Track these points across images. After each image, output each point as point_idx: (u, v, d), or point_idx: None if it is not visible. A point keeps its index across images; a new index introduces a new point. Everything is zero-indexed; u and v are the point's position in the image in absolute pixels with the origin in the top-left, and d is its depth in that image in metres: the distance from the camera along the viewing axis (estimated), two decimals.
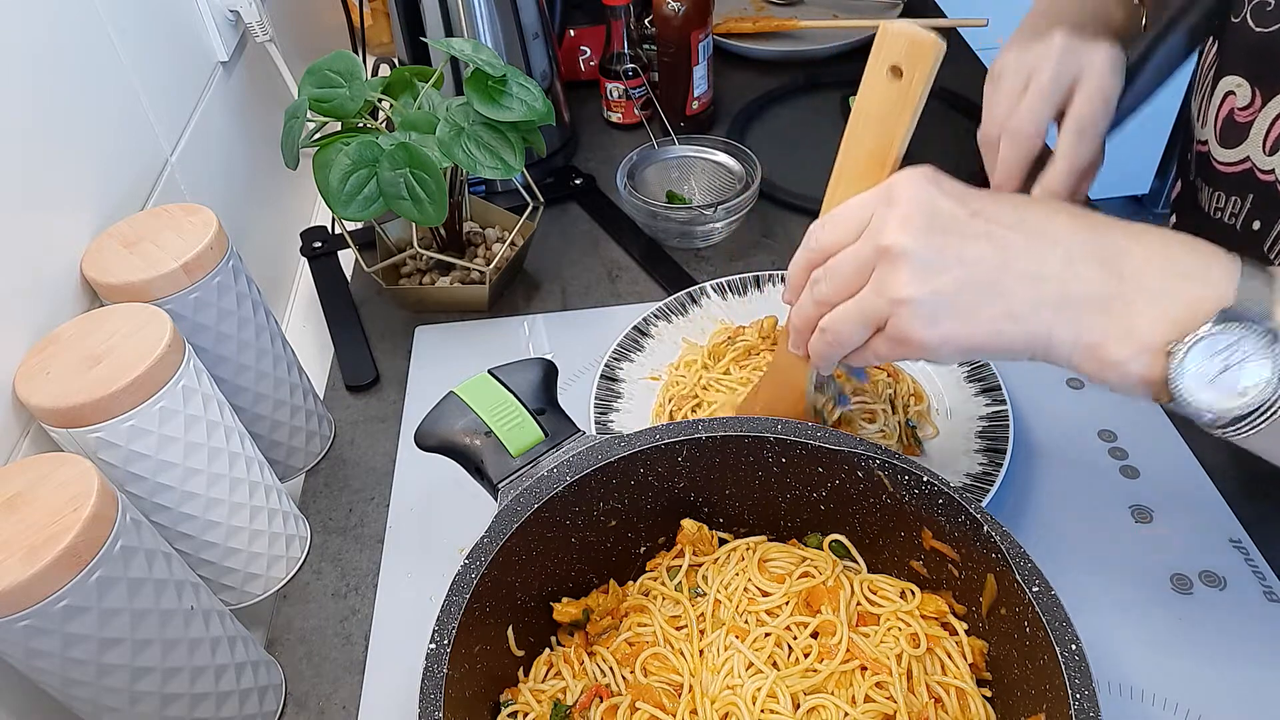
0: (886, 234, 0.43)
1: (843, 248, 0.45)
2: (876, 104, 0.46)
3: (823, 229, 0.47)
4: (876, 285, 0.44)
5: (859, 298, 0.44)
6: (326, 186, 0.72)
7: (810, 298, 0.47)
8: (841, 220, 0.46)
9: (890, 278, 0.43)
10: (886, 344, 0.45)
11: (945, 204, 0.43)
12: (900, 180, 0.44)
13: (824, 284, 0.46)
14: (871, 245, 0.44)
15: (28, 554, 0.43)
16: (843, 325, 0.45)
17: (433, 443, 0.58)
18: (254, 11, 0.88)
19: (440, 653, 0.46)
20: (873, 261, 0.44)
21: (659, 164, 0.98)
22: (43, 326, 0.56)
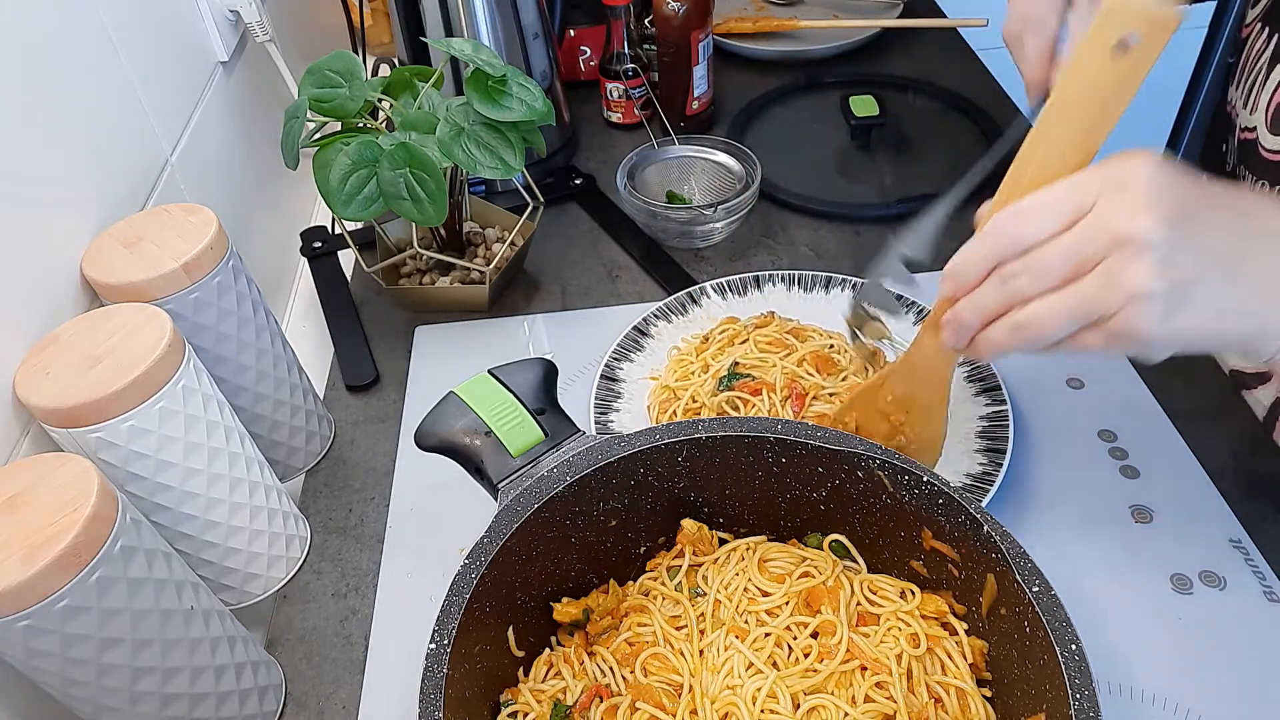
0: (1123, 222, 0.40)
1: (1049, 238, 0.42)
2: (1093, 82, 0.42)
3: (1018, 219, 0.43)
4: (1107, 278, 0.41)
5: (1078, 290, 0.42)
6: (326, 186, 0.72)
7: (998, 292, 0.44)
8: (1046, 209, 0.42)
9: (1127, 270, 0.40)
10: (1103, 338, 0.42)
11: (1185, 190, 0.41)
12: (1130, 163, 0.41)
13: (1025, 278, 0.43)
14: (1103, 234, 0.40)
15: (28, 554, 0.43)
16: (1051, 320, 0.43)
17: (433, 443, 0.58)
18: (254, 11, 0.88)
19: (440, 653, 0.46)
20: (1102, 252, 0.41)
21: (659, 164, 0.98)
22: (43, 326, 0.56)
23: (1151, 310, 0.40)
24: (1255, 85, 0.65)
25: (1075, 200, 0.42)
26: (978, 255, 0.45)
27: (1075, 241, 0.41)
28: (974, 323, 0.46)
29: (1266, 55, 0.63)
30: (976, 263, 0.45)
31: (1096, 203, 0.41)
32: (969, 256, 0.45)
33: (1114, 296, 0.40)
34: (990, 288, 0.44)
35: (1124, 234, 0.40)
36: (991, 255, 0.44)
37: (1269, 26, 0.64)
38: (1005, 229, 0.43)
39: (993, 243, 0.44)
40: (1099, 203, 0.41)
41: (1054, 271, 0.42)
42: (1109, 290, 0.40)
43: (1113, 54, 0.41)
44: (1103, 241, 0.40)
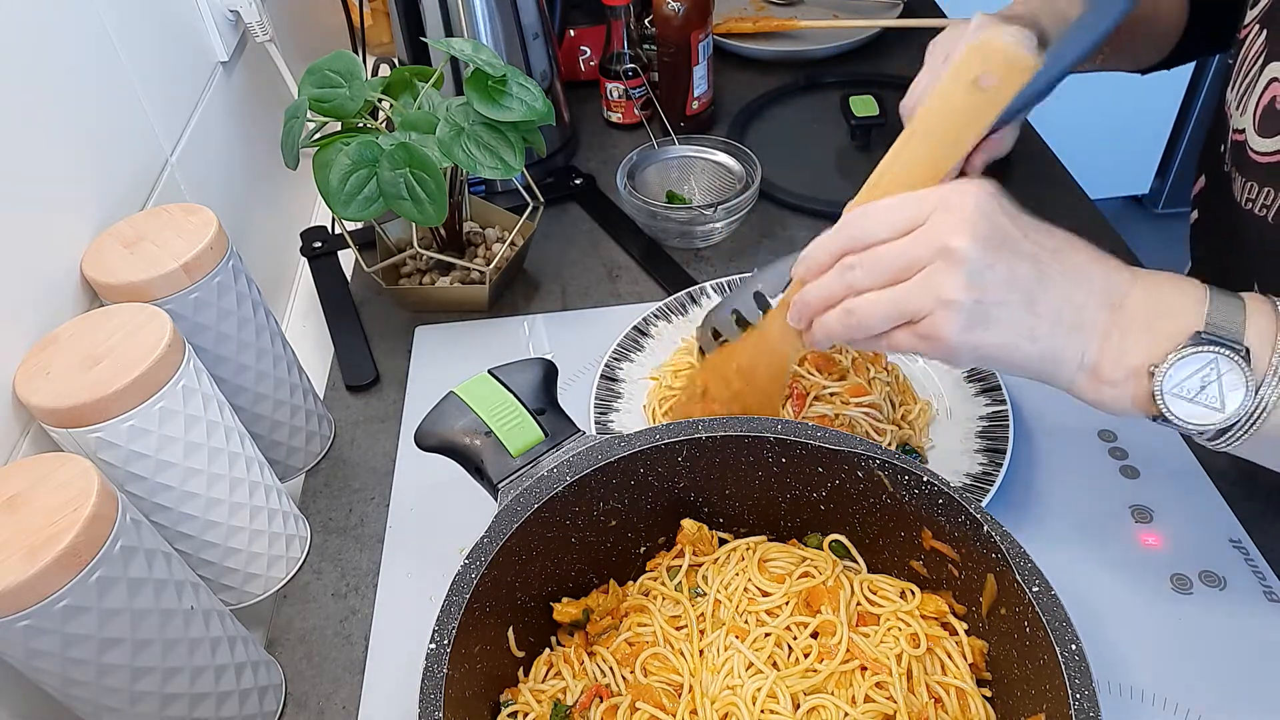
0: (948, 236, 0.45)
1: (887, 241, 0.47)
2: (951, 112, 0.47)
3: (866, 219, 0.48)
4: (924, 283, 0.46)
5: (900, 290, 0.46)
6: (326, 186, 0.72)
7: (838, 280, 0.49)
8: (890, 213, 0.47)
9: (942, 278, 0.45)
10: (910, 338, 0.47)
11: (1005, 220, 0.46)
12: (965, 188, 0.46)
13: (860, 271, 0.48)
14: (930, 244, 0.45)
15: (28, 554, 0.43)
16: (873, 312, 0.47)
17: (433, 443, 0.58)
18: (254, 11, 0.88)
19: (440, 653, 0.46)
20: (925, 260, 0.46)
21: (659, 164, 0.98)
22: (43, 326, 0.56)
23: (954, 318, 0.45)
24: (1248, 86, 0.65)
25: (914, 211, 0.46)
26: (828, 245, 0.50)
27: (906, 246, 0.46)
28: (815, 305, 0.50)
29: (1260, 56, 0.64)
30: (826, 251, 0.50)
31: (930, 216, 0.46)
32: (822, 244, 0.50)
33: (926, 300, 0.45)
34: (833, 275, 0.49)
35: (944, 247, 0.45)
36: (839, 247, 0.49)
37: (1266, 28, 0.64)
38: (853, 226, 0.48)
39: (842, 236, 0.49)
40: (932, 217, 0.46)
41: (885, 269, 0.47)
42: (923, 294, 0.46)
43: (970, 89, 0.45)
44: (928, 251, 0.45)
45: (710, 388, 0.64)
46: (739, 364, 0.61)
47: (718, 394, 0.63)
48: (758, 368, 0.60)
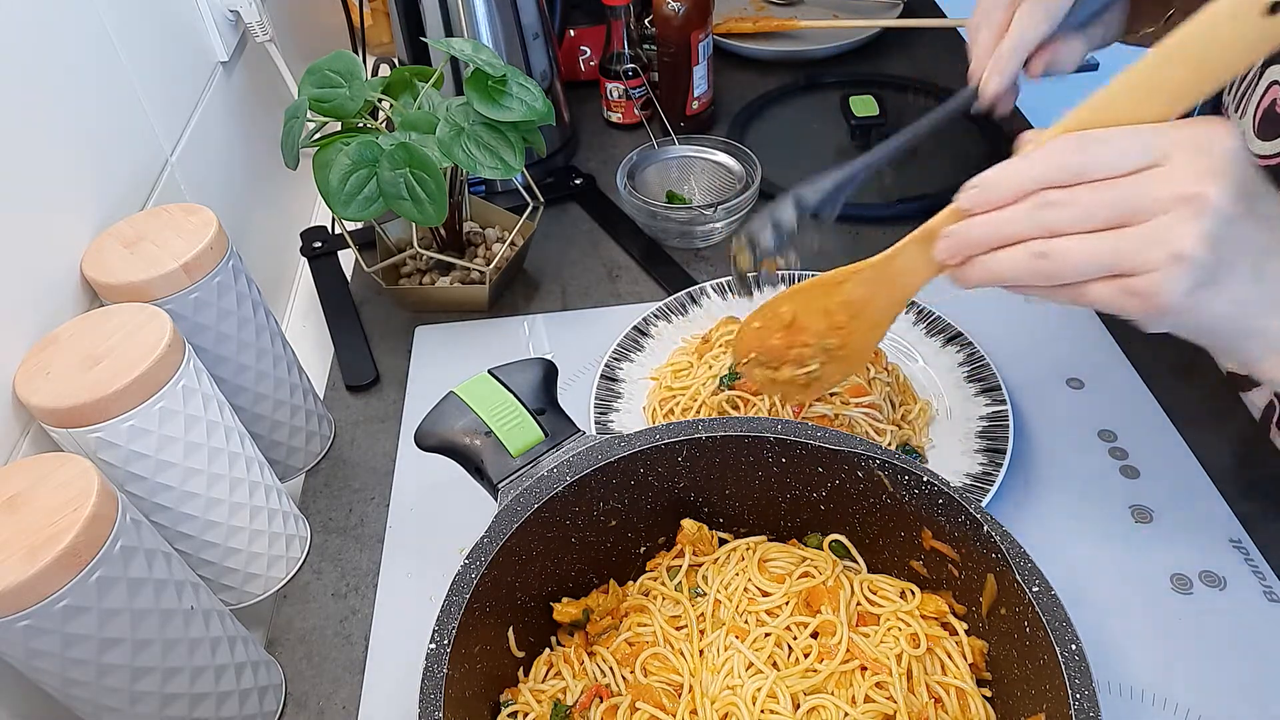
0: (1198, 181, 0.38)
1: (1112, 178, 0.40)
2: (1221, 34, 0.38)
3: (1085, 148, 0.40)
4: (1156, 232, 0.39)
5: (1123, 237, 0.39)
6: (326, 186, 0.72)
7: (1029, 218, 0.41)
8: (1119, 145, 0.40)
9: (1181, 229, 0.38)
10: (1116, 293, 0.41)
11: (1253, 172, 0.40)
12: (1214, 130, 0.40)
13: (1065, 210, 0.40)
14: (1172, 187, 0.39)
15: (28, 554, 0.43)
16: (1078, 259, 0.40)
17: (433, 443, 0.58)
18: (254, 11, 0.88)
19: (440, 653, 0.46)
20: (1162, 205, 0.39)
21: (659, 164, 0.98)
22: (43, 326, 0.56)
23: (1184, 278, 0.39)
24: (1246, 89, 0.65)
25: (1153, 146, 0.39)
26: (1022, 173, 0.41)
27: (1138, 188, 0.39)
28: (986, 242, 0.42)
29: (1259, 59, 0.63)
30: (1017, 181, 0.41)
31: (1171, 156, 0.39)
32: (1010, 172, 0.41)
33: (1156, 253, 0.39)
34: (1022, 211, 0.41)
35: (1191, 194, 0.38)
36: (1039, 177, 0.41)
37: None
38: (1067, 154, 0.40)
39: (1046, 164, 0.40)
40: (1174, 157, 0.39)
41: (1103, 212, 0.39)
42: (1154, 245, 0.39)
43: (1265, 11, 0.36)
44: (1168, 194, 0.39)
45: (800, 317, 0.56)
46: (847, 296, 0.53)
47: (810, 324, 0.56)
48: (873, 301, 0.53)
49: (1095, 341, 0.79)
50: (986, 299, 0.83)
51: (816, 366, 0.57)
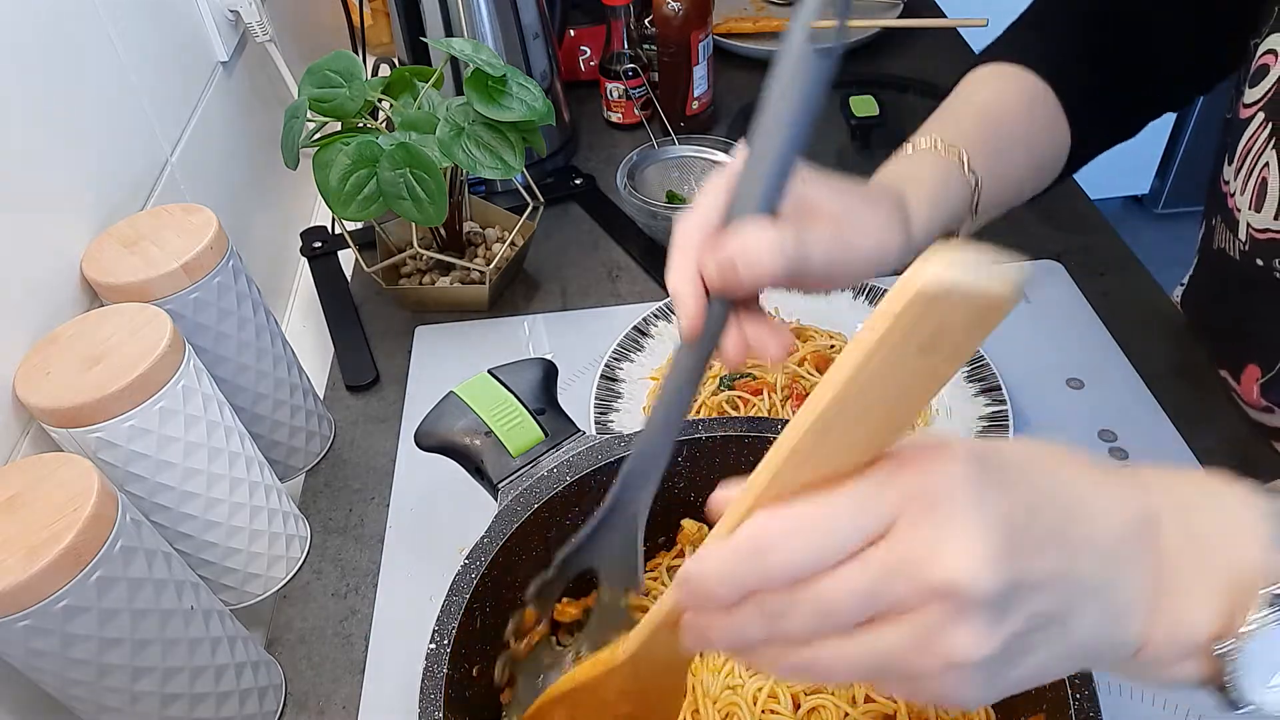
0: (945, 565, 0.28)
1: (831, 569, 0.29)
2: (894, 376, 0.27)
3: (785, 538, 0.30)
4: (920, 638, 0.29)
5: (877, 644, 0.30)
6: (326, 186, 0.72)
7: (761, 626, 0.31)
8: (825, 527, 0.29)
9: (949, 633, 0.28)
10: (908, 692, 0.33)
11: (1008, 503, 0.30)
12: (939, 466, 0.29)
13: (797, 620, 0.30)
14: (910, 579, 0.28)
15: (28, 554, 0.43)
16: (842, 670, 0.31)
17: (433, 443, 0.58)
18: (254, 11, 0.88)
19: (440, 653, 0.46)
20: (910, 601, 0.29)
21: (659, 164, 0.98)
22: (43, 326, 0.56)
23: (974, 679, 0.30)
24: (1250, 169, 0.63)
25: (871, 517, 0.29)
26: (728, 573, 0.31)
27: (871, 579, 0.29)
28: (729, 648, 0.34)
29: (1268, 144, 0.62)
30: (728, 585, 0.31)
31: (896, 524, 0.29)
32: (716, 570, 0.31)
33: (926, 661, 0.29)
34: (750, 618, 0.31)
35: (941, 584, 0.28)
36: (747, 579, 0.31)
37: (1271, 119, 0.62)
38: (768, 548, 0.30)
39: (750, 565, 0.30)
40: (900, 526, 0.29)
41: (842, 616, 0.30)
42: (919, 653, 0.29)
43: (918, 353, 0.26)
44: (909, 587, 0.29)
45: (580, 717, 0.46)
46: (620, 689, 0.43)
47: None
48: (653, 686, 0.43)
49: (1095, 341, 0.79)
50: None
51: None
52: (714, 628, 0.32)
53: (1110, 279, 0.85)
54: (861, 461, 0.30)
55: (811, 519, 0.30)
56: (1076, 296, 0.83)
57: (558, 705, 0.46)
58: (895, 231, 0.50)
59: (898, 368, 0.27)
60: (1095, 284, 0.84)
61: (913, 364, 0.27)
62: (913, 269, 0.24)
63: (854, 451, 0.30)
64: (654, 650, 0.39)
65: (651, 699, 0.44)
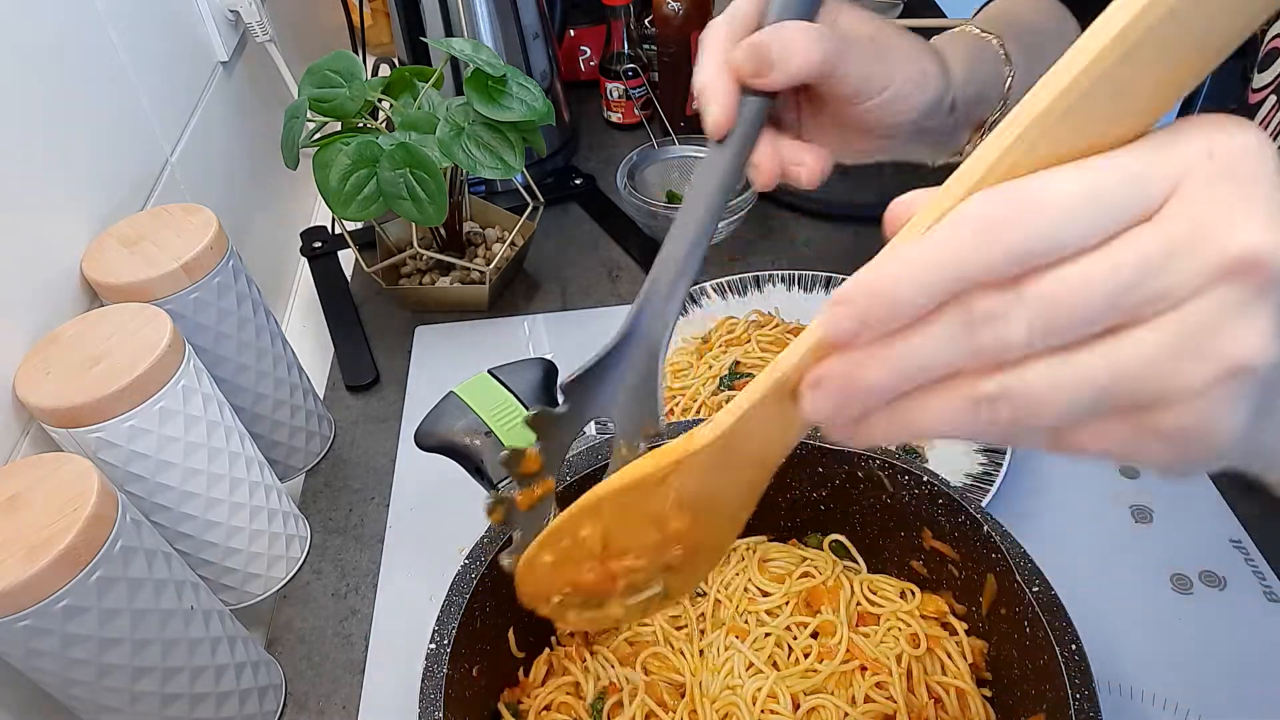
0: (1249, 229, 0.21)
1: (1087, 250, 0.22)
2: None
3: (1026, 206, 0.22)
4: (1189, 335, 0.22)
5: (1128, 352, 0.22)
6: (326, 186, 0.72)
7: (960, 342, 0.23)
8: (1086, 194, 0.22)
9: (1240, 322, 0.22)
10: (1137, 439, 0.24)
11: None
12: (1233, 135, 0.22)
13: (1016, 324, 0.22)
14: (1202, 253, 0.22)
15: (28, 554, 0.43)
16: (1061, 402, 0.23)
17: (433, 443, 0.58)
18: (254, 11, 0.88)
19: (440, 653, 0.46)
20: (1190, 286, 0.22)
21: (659, 164, 0.98)
22: (43, 326, 0.56)
23: (1247, 398, 0.22)
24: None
25: (1146, 182, 0.22)
26: (928, 268, 0.23)
27: (1148, 257, 0.22)
28: (889, 390, 0.25)
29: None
30: (922, 281, 0.23)
31: (1180, 190, 0.22)
32: (906, 269, 0.23)
33: (1196, 371, 0.22)
34: (942, 336, 0.23)
35: (1242, 256, 0.21)
36: (964, 270, 0.23)
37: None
38: (1004, 223, 0.22)
39: (974, 247, 0.22)
40: (1185, 190, 0.22)
41: (1088, 315, 0.22)
42: (1190, 358, 0.22)
43: None
44: (1196, 265, 0.22)
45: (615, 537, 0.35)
46: (678, 494, 0.33)
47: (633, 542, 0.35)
48: (720, 493, 0.34)
49: None
50: None
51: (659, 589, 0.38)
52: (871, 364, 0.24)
53: None
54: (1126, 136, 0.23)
55: (1069, 182, 0.22)
56: None
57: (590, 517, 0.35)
58: (935, 65, 0.48)
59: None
60: None
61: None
62: None
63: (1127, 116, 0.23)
64: (749, 433, 0.30)
65: (716, 511, 0.35)
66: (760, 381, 0.28)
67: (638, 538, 0.35)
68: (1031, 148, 0.23)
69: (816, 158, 0.41)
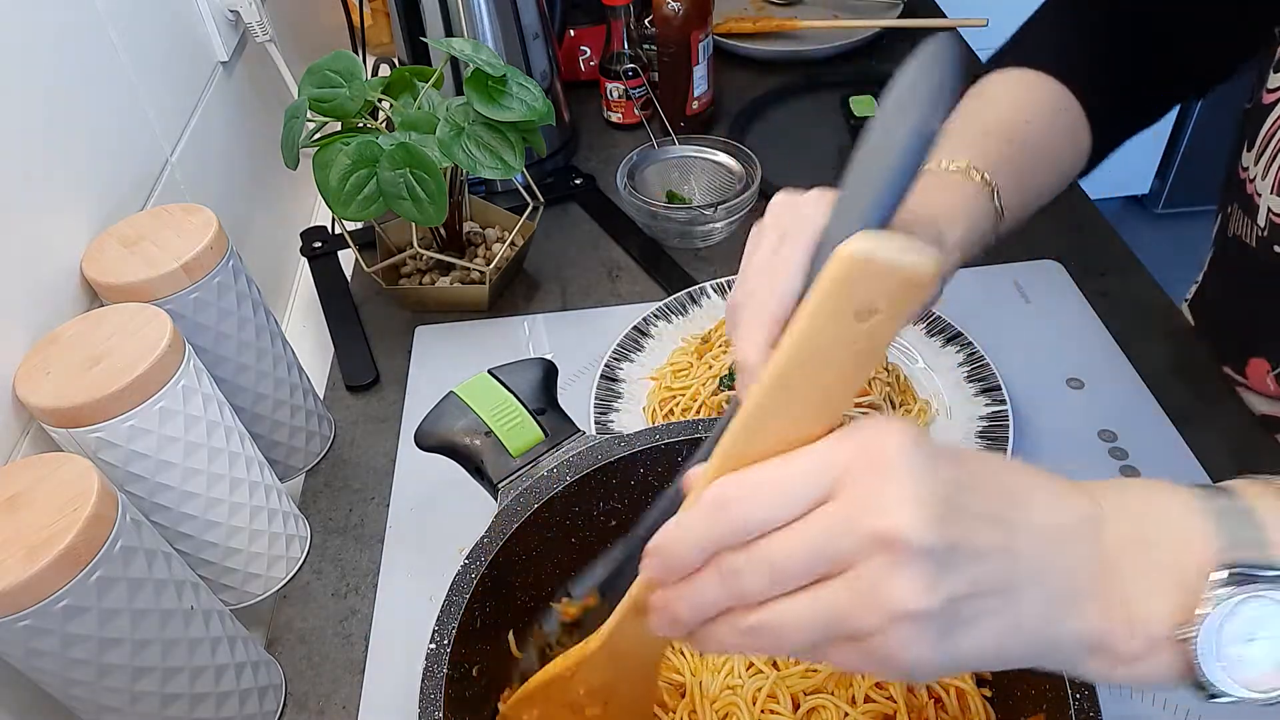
0: (882, 514, 0.30)
1: (783, 524, 0.32)
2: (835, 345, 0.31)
3: (745, 496, 0.32)
4: (864, 590, 0.30)
5: (829, 599, 0.31)
6: (326, 186, 0.73)
7: (720, 588, 0.33)
8: (782, 485, 0.32)
9: (890, 582, 0.30)
10: (860, 659, 0.32)
11: (945, 469, 0.31)
12: (883, 435, 0.31)
13: (752, 576, 0.32)
14: (854, 528, 0.30)
15: (28, 554, 0.43)
16: (793, 631, 0.32)
17: (433, 443, 0.58)
18: (254, 11, 0.88)
19: (440, 653, 0.46)
20: (853, 553, 0.30)
21: (659, 164, 0.98)
22: (43, 326, 0.56)
23: (920, 634, 0.30)
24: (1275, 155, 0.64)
25: (820, 477, 0.31)
26: (693, 536, 0.33)
27: (819, 533, 0.31)
28: (691, 619, 0.34)
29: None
30: (692, 546, 0.33)
31: (842, 483, 0.31)
32: (682, 536, 0.33)
33: (871, 615, 0.30)
34: (710, 581, 0.33)
35: (882, 533, 0.30)
36: (711, 539, 0.33)
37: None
38: (729, 506, 0.32)
39: (712, 523, 0.33)
40: (845, 484, 0.31)
41: (792, 571, 0.31)
42: (864, 606, 0.30)
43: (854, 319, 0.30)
44: (853, 539, 0.30)
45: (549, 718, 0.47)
46: (589, 686, 0.44)
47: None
48: (620, 680, 0.44)
49: (1095, 341, 0.79)
50: (986, 299, 0.83)
51: None
52: (677, 597, 0.34)
53: (1110, 279, 0.85)
54: (814, 433, 0.33)
55: (766, 477, 0.32)
56: (1076, 296, 0.83)
57: (528, 703, 0.47)
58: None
59: (839, 332, 0.30)
60: (1095, 284, 0.84)
61: (851, 330, 0.30)
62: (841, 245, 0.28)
63: (806, 420, 0.33)
64: (624, 639, 0.40)
65: (622, 698, 0.45)
66: (622, 604, 0.39)
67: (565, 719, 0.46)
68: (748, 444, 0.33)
69: None
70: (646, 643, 0.41)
